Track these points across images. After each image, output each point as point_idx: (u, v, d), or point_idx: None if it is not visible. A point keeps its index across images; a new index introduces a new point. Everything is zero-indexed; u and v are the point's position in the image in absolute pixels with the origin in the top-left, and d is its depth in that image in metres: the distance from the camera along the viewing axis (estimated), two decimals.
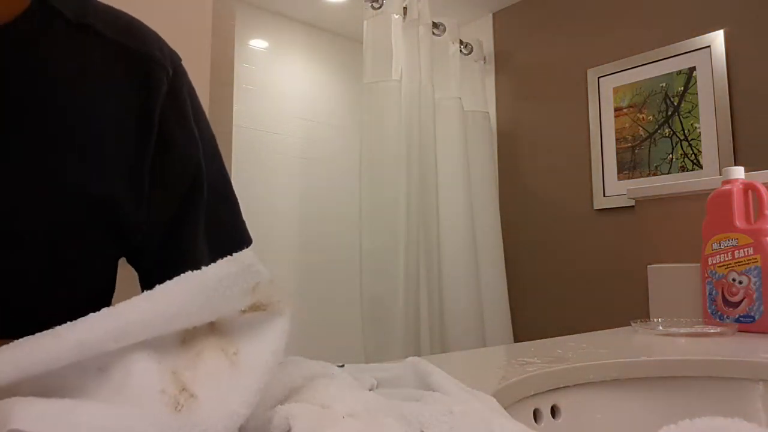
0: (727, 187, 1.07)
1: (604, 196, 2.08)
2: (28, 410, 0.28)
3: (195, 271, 0.34)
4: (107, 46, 0.50)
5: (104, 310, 0.32)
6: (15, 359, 0.29)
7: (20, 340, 0.30)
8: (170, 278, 0.56)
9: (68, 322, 0.31)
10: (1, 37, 0.44)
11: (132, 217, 0.50)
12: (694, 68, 1.86)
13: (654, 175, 1.94)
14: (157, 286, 0.34)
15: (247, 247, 0.62)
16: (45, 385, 0.30)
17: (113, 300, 0.57)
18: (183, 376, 0.32)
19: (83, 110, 0.47)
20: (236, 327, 0.35)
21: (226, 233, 0.60)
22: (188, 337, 0.34)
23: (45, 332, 0.30)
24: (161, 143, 0.52)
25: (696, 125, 1.85)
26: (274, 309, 0.36)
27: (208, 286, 0.33)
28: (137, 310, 0.32)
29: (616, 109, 2.07)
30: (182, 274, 0.34)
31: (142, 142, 0.50)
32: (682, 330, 0.97)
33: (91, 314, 0.32)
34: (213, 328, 0.35)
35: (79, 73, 0.48)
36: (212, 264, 0.34)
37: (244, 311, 0.35)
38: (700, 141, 1.83)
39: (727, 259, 1.05)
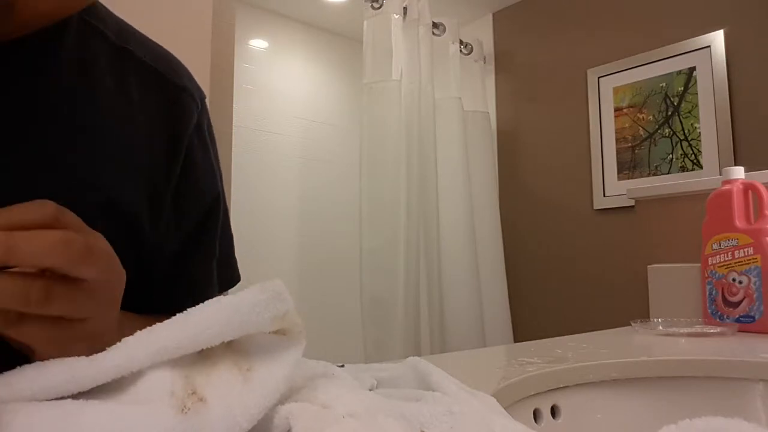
0: (727, 187, 1.07)
1: (604, 196, 2.08)
2: (29, 415, 0.28)
3: (229, 296, 0.35)
4: (145, 72, 0.52)
5: (141, 333, 0.34)
6: (49, 383, 0.30)
7: (53, 361, 0.31)
8: (181, 298, 0.57)
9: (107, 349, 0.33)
10: (45, 49, 0.45)
11: (149, 236, 0.51)
12: (694, 68, 1.86)
13: (654, 175, 1.94)
14: (190, 310, 0.35)
15: (237, 284, 0.64)
16: None
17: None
18: (195, 380, 0.32)
19: (118, 129, 0.49)
20: (252, 345, 0.36)
21: (226, 265, 0.62)
22: (205, 348, 0.35)
23: (81, 359, 0.32)
24: (185, 170, 0.54)
25: (696, 125, 1.85)
26: (293, 336, 0.37)
27: (242, 311, 0.34)
28: (174, 336, 0.33)
29: (616, 109, 2.07)
30: (216, 299, 0.35)
31: (168, 166, 0.52)
32: (682, 330, 0.97)
33: (129, 338, 0.33)
34: (230, 343, 0.36)
35: (117, 93, 0.49)
36: (245, 290, 0.35)
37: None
38: (700, 141, 1.83)
39: (727, 259, 1.05)
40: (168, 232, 0.53)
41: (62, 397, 0.30)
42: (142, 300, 0.55)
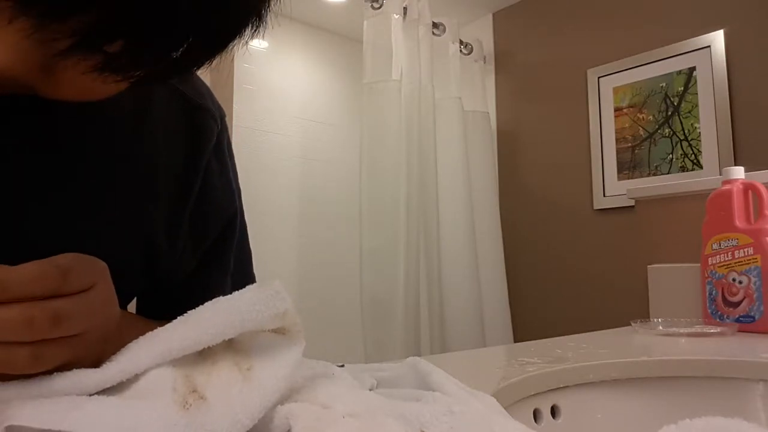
0: (727, 187, 1.07)
1: (604, 196, 2.08)
2: (27, 408, 0.28)
3: (228, 296, 0.36)
4: (169, 93, 0.52)
5: (144, 338, 0.34)
6: (55, 387, 0.31)
7: (62, 374, 0.31)
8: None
9: (113, 356, 0.34)
10: None
11: (166, 259, 0.52)
12: (694, 68, 1.86)
13: (654, 175, 1.94)
14: (190, 312, 0.36)
15: None
16: None
17: None
18: (195, 379, 0.32)
19: (142, 152, 0.49)
20: (253, 345, 0.36)
21: (243, 280, 0.62)
22: (206, 348, 0.35)
23: (87, 370, 0.32)
24: (202, 191, 0.54)
25: (696, 125, 1.85)
26: (293, 336, 0.37)
27: (242, 310, 0.35)
28: (176, 338, 0.34)
29: (616, 109, 2.07)
30: (215, 299, 0.36)
31: (186, 188, 0.52)
32: (682, 330, 0.97)
33: (131, 344, 0.34)
34: (230, 343, 0.36)
35: (142, 116, 0.49)
36: (244, 289, 0.36)
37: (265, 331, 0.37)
38: (700, 141, 1.83)
39: (727, 259, 1.05)
40: (184, 252, 0.54)
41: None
42: (159, 310, 0.56)
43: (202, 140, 0.53)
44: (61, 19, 0.29)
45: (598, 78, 2.12)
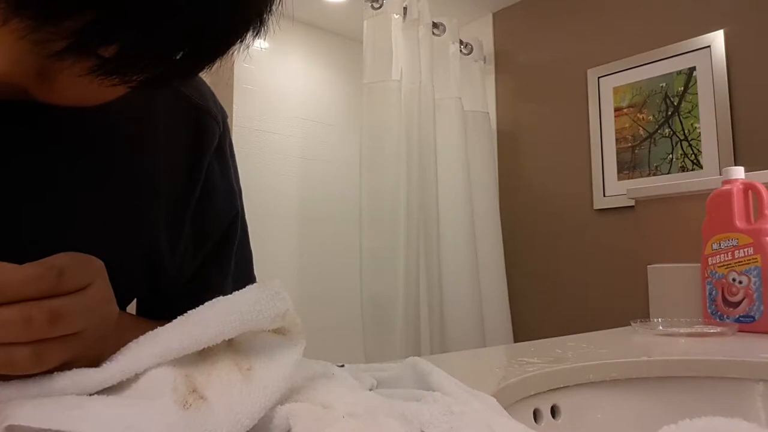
0: (727, 187, 1.07)
1: (604, 196, 2.08)
2: (27, 407, 0.28)
3: (228, 296, 0.36)
4: (173, 95, 0.51)
5: (144, 337, 0.34)
6: (56, 386, 0.31)
7: (63, 373, 0.31)
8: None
9: (112, 355, 0.34)
10: None
11: (168, 262, 0.52)
12: (694, 68, 1.86)
13: (654, 175, 1.94)
14: (191, 312, 0.36)
15: None
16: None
17: None
18: (196, 379, 0.32)
19: (144, 153, 0.49)
20: (253, 345, 0.36)
21: (244, 282, 0.62)
22: (206, 348, 0.35)
23: (87, 369, 0.32)
24: (204, 193, 0.54)
25: (696, 125, 1.85)
26: (293, 336, 0.37)
27: (242, 311, 0.35)
28: (176, 338, 0.34)
29: (616, 109, 2.07)
30: (216, 299, 0.36)
31: (188, 191, 0.52)
32: (682, 330, 0.97)
33: (131, 343, 0.34)
34: (230, 343, 0.36)
35: (144, 117, 0.49)
36: (244, 289, 0.36)
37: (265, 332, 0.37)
38: (700, 141, 1.83)
39: (727, 259, 1.05)
40: (186, 253, 0.53)
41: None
42: (159, 310, 0.56)
43: (204, 142, 0.53)
44: (57, 20, 0.29)
45: (598, 78, 2.12)
